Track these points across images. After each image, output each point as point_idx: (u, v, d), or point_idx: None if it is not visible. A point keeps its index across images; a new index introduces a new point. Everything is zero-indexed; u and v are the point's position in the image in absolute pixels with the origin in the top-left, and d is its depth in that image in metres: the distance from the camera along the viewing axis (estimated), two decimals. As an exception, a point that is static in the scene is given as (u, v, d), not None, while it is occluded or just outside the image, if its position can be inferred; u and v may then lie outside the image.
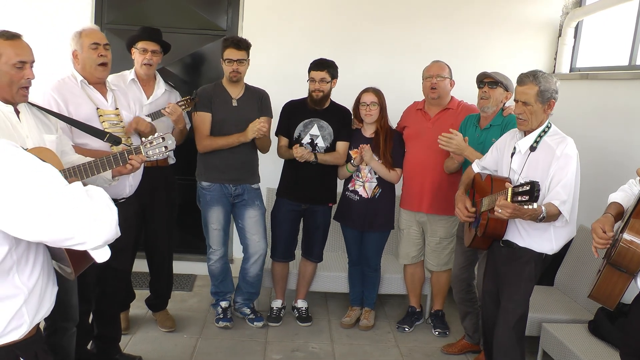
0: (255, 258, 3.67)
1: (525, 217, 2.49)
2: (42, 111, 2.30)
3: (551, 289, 3.71)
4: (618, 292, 2.05)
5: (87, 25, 2.83)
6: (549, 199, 2.54)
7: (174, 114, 3.26)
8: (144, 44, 3.32)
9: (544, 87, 2.58)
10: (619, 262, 1.96)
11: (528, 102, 2.59)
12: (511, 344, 2.72)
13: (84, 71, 2.72)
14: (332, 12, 4.39)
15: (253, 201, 3.62)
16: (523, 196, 2.34)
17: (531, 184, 2.33)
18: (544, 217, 2.47)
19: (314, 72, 3.52)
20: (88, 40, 2.69)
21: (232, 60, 3.42)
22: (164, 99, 3.45)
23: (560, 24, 4.48)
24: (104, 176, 2.37)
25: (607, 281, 2.08)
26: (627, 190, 2.29)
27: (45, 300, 1.54)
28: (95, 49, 2.68)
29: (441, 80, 3.53)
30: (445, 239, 3.69)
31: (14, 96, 2.08)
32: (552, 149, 2.59)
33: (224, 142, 3.46)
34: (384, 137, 3.57)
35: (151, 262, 3.64)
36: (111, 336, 3.12)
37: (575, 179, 2.57)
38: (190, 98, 3.43)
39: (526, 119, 2.62)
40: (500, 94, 3.24)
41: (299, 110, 3.64)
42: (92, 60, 2.68)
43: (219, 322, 3.72)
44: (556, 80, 2.64)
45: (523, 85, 2.61)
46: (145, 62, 3.33)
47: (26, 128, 2.13)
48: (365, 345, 3.64)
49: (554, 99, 2.62)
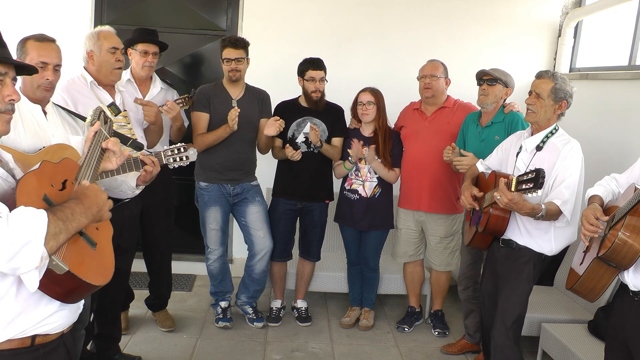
0: (262, 255, 3.66)
1: (522, 212, 2.49)
2: (71, 114, 2.33)
3: (551, 289, 3.71)
4: (602, 286, 2.10)
5: (104, 27, 2.84)
6: (550, 197, 2.54)
7: (172, 112, 3.26)
8: (144, 46, 3.32)
9: (560, 86, 2.61)
10: (612, 258, 1.99)
11: (541, 95, 2.63)
12: (508, 344, 2.72)
13: (98, 73, 2.75)
14: (332, 12, 4.40)
15: (254, 197, 3.62)
16: (528, 184, 2.33)
17: (537, 171, 2.31)
18: (543, 215, 2.47)
19: (313, 71, 3.51)
20: (107, 43, 2.72)
21: (230, 59, 3.42)
22: (160, 97, 3.45)
23: (560, 24, 4.48)
24: (128, 182, 2.39)
25: (592, 275, 2.11)
26: (605, 185, 2.31)
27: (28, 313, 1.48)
28: (113, 53, 2.73)
29: (435, 80, 3.52)
30: (446, 238, 3.69)
31: (35, 92, 2.17)
32: (558, 149, 2.61)
33: (213, 137, 3.45)
34: (382, 137, 3.57)
35: (150, 262, 3.64)
36: (112, 336, 3.13)
37: (579, 181, 2.58)
38: (189, 96, 3.43)
39: (535, 110, 2.65)
40: (499, 90, 3.24)
41: (292, 109, 3.65)
42: (109, 64, 2.72)
43: (219, 322, 3.72)
44: (573, 86, 2.67)
45: (540, 79, 2.67)
46: (147, 64, 3.34)
47: (52, 127, 2.17)
48: (365, 345, 3.64)
49: (567, 101, 2.65)
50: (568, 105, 2.66)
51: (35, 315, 1.49)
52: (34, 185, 1.47)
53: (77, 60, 2.86)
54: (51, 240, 1.33)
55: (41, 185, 1.50)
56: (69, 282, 1.44)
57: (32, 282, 1.34)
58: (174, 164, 2.36)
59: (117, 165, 1.96)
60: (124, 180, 2.31)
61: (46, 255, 1.32)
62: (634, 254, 1.93)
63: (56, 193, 1.53)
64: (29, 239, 1.29)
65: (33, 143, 1.95)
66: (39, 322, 1.50)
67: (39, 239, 1.30)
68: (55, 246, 1.35)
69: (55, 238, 1.34)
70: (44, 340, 1.53)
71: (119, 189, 2.56)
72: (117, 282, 3.03)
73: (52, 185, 1.54)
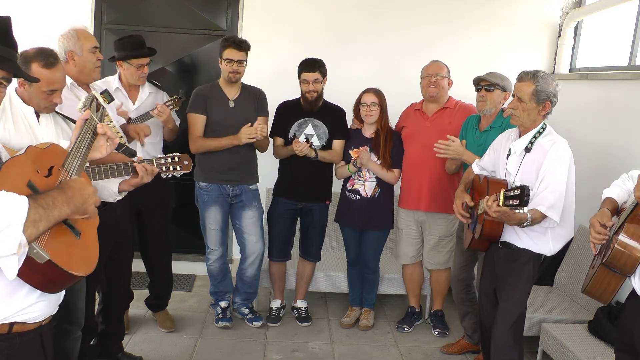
0: (252, 259, 3.67)
1: (510, 223, 2.53)
2: (66, 119, 2.33)
3: (551, 289, 3.71)
4: (612, 289, 2.09)
5: (77, 25, 2.80)
6: (534, 204, 2.52)
7: (163, 115, 3.28)
8: (139, 60, 3.31)
9: (541, 88, 2.58)
10: (614, 264, 1.99)
11: (522, 98, 2.61)
12: (509, 344, 2.72)
13: (80, 73, 2.73)
14: (331, 12, 4.39)
15: (251, 202, 3.62)
16: (514, 200, 2.35)
17: (521, 189, 2.34)
18: (529, 224, 2.51)
19: (306, 73, 3.51)
20: (88, 43, 2.71)
21: (232, 60, 3.40)
22: (149, 101, 3.45)
23: (559, 24, 4.48)
24: (109, 189, 2.37)
25: (600, 280, 2.11)
26: (621, 185, 2.30)
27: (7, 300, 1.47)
28: (94, 52, 2.72)
29: (440, 79, 3.54)
30: (445, 238, 3.69)
31: (38, 105, 2.19)
32: (545, 150, 2.59)
33: (216, 144, 3.45)
34: (384, 138, 3.57)
35: (149, 263, 3.64)
36: (116, 333, 3.13)
37: (568, 180, 2.57)
38: (177, 97, 3.45)
39: (518, 114, 2.64)
40: (498, 95, 3.24)
41: (293, 110, 3.65)
42: (92, 64, 2.72)
43: (219, 322, 3.72)
44: (557, 84, 2.63)
45: (521, 82, 2.63)
46: (143, 75, 3.36)
47: (44, 130, 2.17)
48: (365, 345, 3.64)
49: (551, 101, 2.61)
50: (553, 105, 2.63)
51: (15, 303, 1.47)
52: (18, 170, 1.45)
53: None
54: (30, 227, 1.30)
55: (26, 170, 1.47)
56: (50, 271, 1.42)
57: (11, 269, 1.32)
58: (166, 173, 2.35)
59: (106, 154, 1.89)
60: (104, 186, 2.28)
61: (25, 243, 1.30)
62: (634, 261, 1.93)
63: (41, 179, 1.50)
64: (7, 224, 1.27)
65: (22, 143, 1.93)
66: (19, 311, 1.49)
67: (17, 225, 1.28)
68: (35, 234, 1.33)
69: (34, 225, 1.31)
70: (22, 329, 1.52)
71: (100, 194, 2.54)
72: (121, 280, 3.06)
73: (38, 171, 1.51)
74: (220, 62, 3.45)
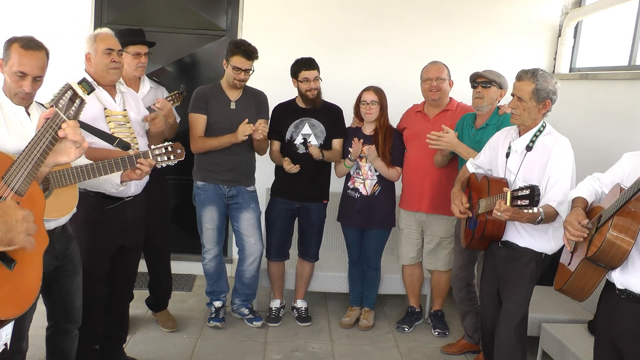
0: (252, 260, 3.67)
1: (523, 221, 2.51)
2: None
3: (551, 289, 3.69)
4: (591, 285, 2.12)
5: (103, 29, 2.86)
6: (546, 200, 2.54)
7: (164, 110, 3.27)
8: (136, 48, 3.31)
9: (541, 86, 2.58)
10: (601, 258, 2.01)
11: (522, 98, 2.61)
12: (513, 344, 2.73)
13: (95, 74, 2.76)
14: (331, 12, 4.40)
15: (248, 204, 3.62)
16: (523, 200, 2.35)
17: (531, 189, 2.34)
18: (542, 219, 2.48)
19: (306, 71, 3.51)
20: (102, 45, 2.73)
21: (241, 69, 3.39)
22: (150, 96, 3.46)
23: (559, 24, 4.48)
24: (111, 180, 2.37)
25: (581, 275, 2.13)
26: (589, 186, 2.31)
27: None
28: (108, 54, 2.73)
29: (441, 82, 3.54)
30: (446, 239, 3.69)
31: (12, 98, 2.16)
32: (549, 149, 2.60)
33: (216, 143, 3.44)
34: (383, 135, 3.57)
35: (149, 263, 3.65)
36: (117, 337, 3.13)
37: (571, 179, 2.58)
38: (179, 92, 3.45)
39: (518, 114, 2.64)
40: (494, 92, 3.24)
41: (289, 111, 3.65)
42: (104, 65, 2.73)
43: (210, 322, 3.73)
44: (556, 82, 2.63)
45: (520, 81, 2.63)
46: (140, 65, 3.35)
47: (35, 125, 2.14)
48: (365, 345, 3.64)
49: (551, 99, 2.62)
50: (553, 102, 2.64)
51: None
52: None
53: (76, 59, 2.87)
54: None
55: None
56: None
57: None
58: (161, 163, 2.37)
59: (75, 158, 1.59)
60: (106, 179, 2.28)
61: None
62: (622, 253, 1.96)
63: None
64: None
65: (18, 144, 1.93)
66: None
67: None
68: None
69: None
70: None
71: (102, 188, 2.57)
72: (124, 283, 3.05)
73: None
74: (226, 64, 3.44)
